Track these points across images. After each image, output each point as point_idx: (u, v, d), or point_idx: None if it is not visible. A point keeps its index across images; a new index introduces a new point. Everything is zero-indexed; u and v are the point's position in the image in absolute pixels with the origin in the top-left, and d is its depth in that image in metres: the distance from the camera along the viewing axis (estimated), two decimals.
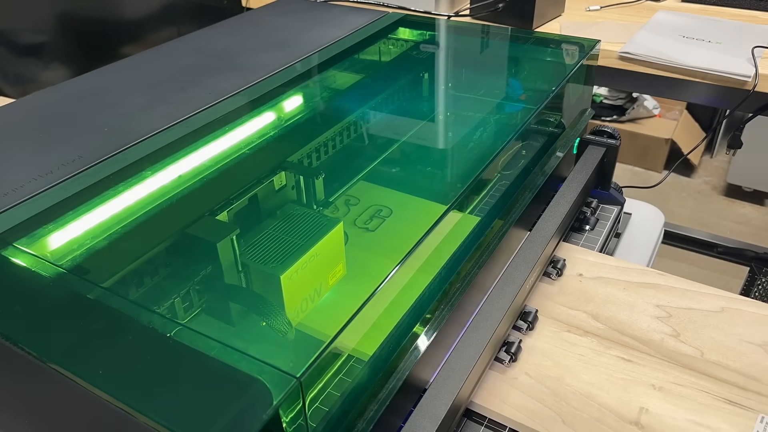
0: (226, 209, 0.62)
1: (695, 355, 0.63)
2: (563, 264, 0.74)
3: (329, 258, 0.58)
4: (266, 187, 0.66)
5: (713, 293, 0.71)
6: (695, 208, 2.44)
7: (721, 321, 0.67)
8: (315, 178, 0.68)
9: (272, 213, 0.64)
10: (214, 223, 0.60)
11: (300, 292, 0.55)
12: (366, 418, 0.47)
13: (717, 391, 0.59)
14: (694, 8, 1.37)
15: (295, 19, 1.00)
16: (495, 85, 0.89)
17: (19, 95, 1.17)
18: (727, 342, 0.65)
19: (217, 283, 0.54)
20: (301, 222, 0.62)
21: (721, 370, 0.62)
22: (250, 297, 0.57)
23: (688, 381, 0.60)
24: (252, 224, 0.62)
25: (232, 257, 0.56)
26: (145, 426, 0.36)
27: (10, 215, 0.54)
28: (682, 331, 0.66)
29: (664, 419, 0.57)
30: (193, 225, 0.60)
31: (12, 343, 0.42)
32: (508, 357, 0.62)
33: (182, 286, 0.53)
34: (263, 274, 0.55)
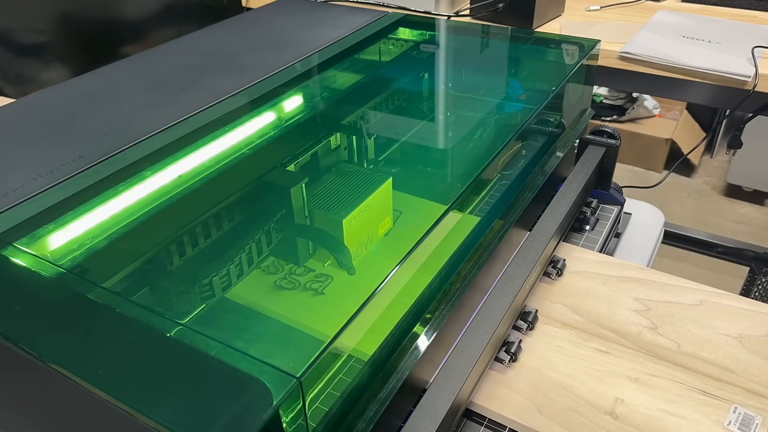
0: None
1: (672, 347, 0.64)
2: (563, 264, 0.74)
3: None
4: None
5: (692, 287, 0.72)
6: (695, 208, 2.44)
7: (699, 314, 0.68)
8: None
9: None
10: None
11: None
12: (366, 418, 0.47)
13: (691, 382, 0.60)
14: (694, 8, 1.37)
15: (295, 19, 1.00)
16: (495, 85, 0.89)
17: (19, 95, 1.17)
18: (703, 334, 0.66)
19: (215, 284, 0.54)
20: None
21: (697, 362, 0.62)
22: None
23: (663, 372, 0.61)
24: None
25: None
26: (146, 426, 0.36)
27: (10, 215, 0.54)
28: (660, 324, 0.67)
29: (638, 409, 0.58)
30: (192, 225, 0.59)
31: (12, 343, 0.42)
32: (508, 357, 0.62)
33: (182, 286, 0.53)
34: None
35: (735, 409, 0.57)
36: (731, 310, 0.68)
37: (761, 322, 0.67)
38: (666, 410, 0.57)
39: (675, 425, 0.56)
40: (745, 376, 0.61)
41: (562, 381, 0.60)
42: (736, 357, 0.63)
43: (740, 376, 0.61)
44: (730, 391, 0.59)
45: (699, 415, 0.57)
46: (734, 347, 0.64)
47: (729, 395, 0.59)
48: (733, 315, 0.68)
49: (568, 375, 0.61)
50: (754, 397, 0.59)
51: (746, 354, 0.63)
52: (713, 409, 0.58)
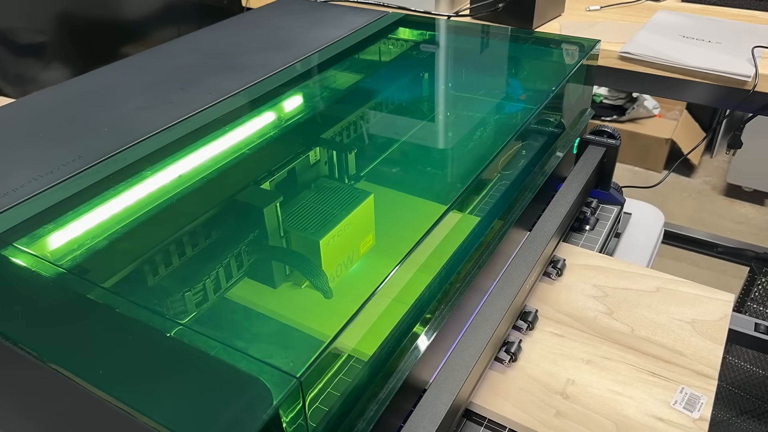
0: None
1: (626, 332, 0.66)
2: (563, 264, 0.74)
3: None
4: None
5: (651, 275, 0.74)
6: (695, 208, 2.44)
7: (655, 300, 0.70)
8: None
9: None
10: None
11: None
12: (366, 418, 0.47)
13: (642, 364, 0.62)
14: (694, 8, 1.37)
15: (295, 19, 1.00)
16: (495, 85, 0.89)
17: (19, 95, 1.17)
18: (657, 319, 0.67)
19: (215, 284, 0.54)
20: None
21: (649, 345, 0.64)
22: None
23: (616, 355, 0.63)
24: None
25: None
26: (146, 426, 0.36)
27: (10, 215, 0.54)
28: (616, 309, 0.69)
29: (588, 389, 0.60)
30: (192, 225, 0.59)
31: (12, 343, 0.42)
32: (508, 357, 0.62)
33: (182, 286, 0.53)
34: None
35: (682, 390, 0.59)
36: (687, 296, 0.70)
37: (715, 307, 0.69)
38: (615, 390, 0.59)
39: (622, 404, 0.58)
40: (695, 359, 0.63)
41: (517, 363, 0.62)
42: (687, 341, 0.65)
43: (690, 358, 0.63)
44: (678, 373, 0.61)
45: (646, 395, 0.59)
46: (686, 331, 0.66)
47: (677, 377, 0.61)
48: (688, 301, 0.70)
49: (523, 357, 0.63)
50: (701, 378, 0.61)
51: (698, 338, 0.65)
52: (661, 389, 0.60)
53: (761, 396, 1.38)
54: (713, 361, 0.62)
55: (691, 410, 0.57)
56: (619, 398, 0.59)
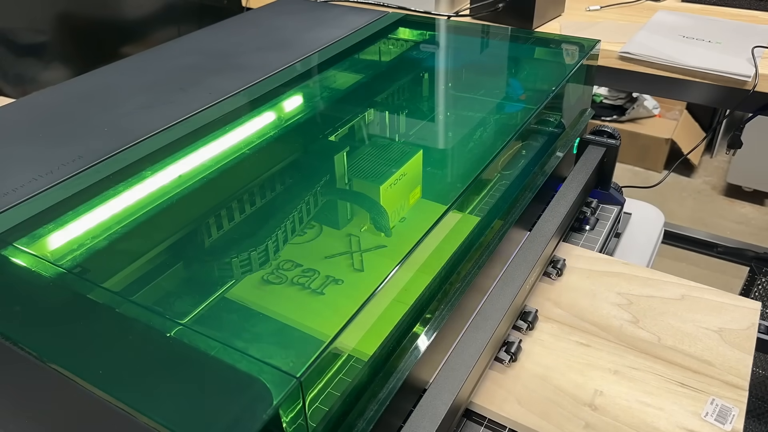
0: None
1: (652, 341, 0.65)
2: (563, 264, 0.74)
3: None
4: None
5: (674, 281, 0.73)
6: (695, 208, 2.44)
7: (680, 308, 0.69)
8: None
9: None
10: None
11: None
12: (366, 418, 0.47)
13: (670, 374, 0.61)
14: (694, 8, 1.37)
15: (295, 19, 1.00)
16: (495, 85, 0.89)
17: (19, 95, 1.17)
18: (684, 328, 0.66)
19: (215, 284, 0.54)
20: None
21: (676, 355, 0.63)
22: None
23: (643, 365, 0.62)
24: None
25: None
26: (146, 426, 0.36)
27: (10, 215, 0.54)
28: (641, 318, 0.68)
29: (616, 401, 0.58)
30: (192, 225, 0.60)
31: (12, 343, 0.42)
32: (508, 357, 0.62)
33: (182, 287, 0.53)
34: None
35: (712, 401, 0.58)
36: (712, 304, 0.69)
37: (741, 315, 0.68)
38: (644, 402, 0.58)
39: (652, 416, 0.57)
40: (724, 369, 0.62)
41: (542, 373, 0.61)
42: (715, 350, 0.64)
43: (719, 368, 0.62)
44: (708, 383, 0.60)
45: (676, 407, 0.58)
46: (714, 340, 0.65)
47: (707, 387, 0.60)
48: (714, 309, 0.69)
49: (549, 368, 0.62)
50: (731, 389, 0.59)
51: (726, 347, 0.64)
52: (691, 400, 0.58)
53: (761, 396, 1.38)
54: (743, 372, 0.61)
55: (723, 422, 0.56)
56: (648, 410, 0.57)
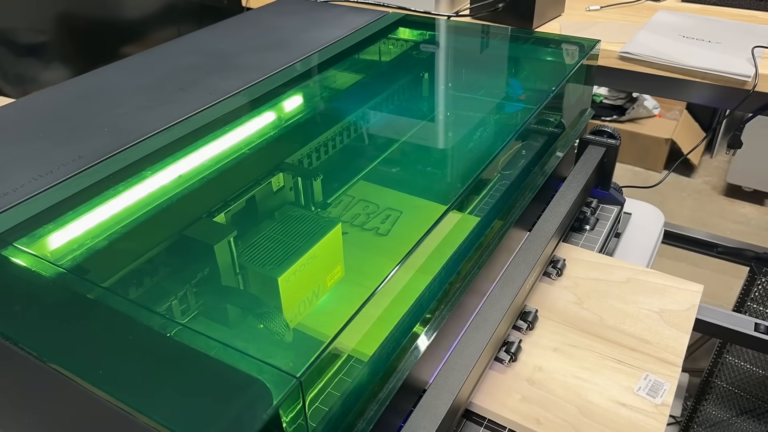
0: (225, 210, 0.62)
1: (594, 321, 0.67)
2: (563, 264, 0.74)
3: (327, 259, 0.58)
4: (265, 188, 0.66)
5: (623, 266, 0.75)
6: (695, 208, 2.44)
7: (625, 290, 0.72)
8: (314, 179, 0.68)
9: (271, 214, 0.64)
10: (212, 224, 0.60)
11: (298, 294, 0.55)
12: (366, 418, 0.47)
13: (608, 352, 0.64)
14: (694, 8, 1.37)
15: (295, 19, 1.00)
16: (495, 85, 0.89)
17: (19, 95, 1.17)
18: (626, 309, 0.69)
19: (215, 284, 0.54)
20: (299, 223, 0.62)
21: (617, 334, 0.66)
22: (248, 298, 0.57)
23: (583, 343, 0.65)
24: (250, 226, 0.62)
25: (229, 259, 0.56)
26: (146, 426, 0.36)
27: (10, 215, 0.54)
28: (586, 300, 0.70)
29: (554, 376, 0.61)
30: (192, 226, 0.60)
31: (12, 343, 0.42)
32: (508, 357, 0.62)
33: (182, 287, 0.53)
34: (261, 276, 0.55)
35: (646, 377, 0.61)
36: (656, 287, 0.72)
37: (683, 297, 0.70)
38: (581, 377, 0.61)
39: (587, 390, 0.60)
40: (661, 347, 0.64)
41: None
42: (654, 329, 0.66)
43: (656, 347, 0.64)
44: (644, 361, 0.63)
45: (611, 382, 0.60)
46: (654, 320, 0.67)
47: (643, 364, 0.62)
48: (657, 291, 0.71)
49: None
50: (666, 366, 0.62)
51: (665, 327, 0.66)
52: (626, 376, 0.61)
53: (761, 396, 1.38)
54: (678, 349, 0.64)
55: (654, 396, 0.59)
56: (584, 384, 0.60)
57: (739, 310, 1.41)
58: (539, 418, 0.57)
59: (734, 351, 1.38)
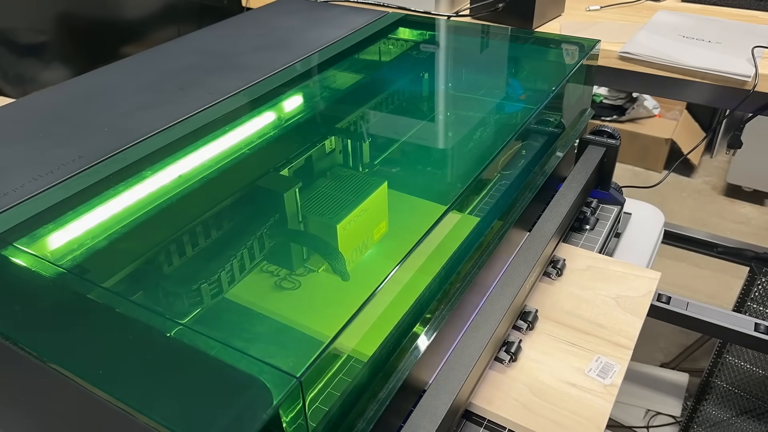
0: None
1: (554, 307, 0.69)
2: (563, 264, 0.74)
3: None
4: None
5: (584, 254, 0.77)
6: (695, 208, 2.44)
7: (584, 277, 0.73)
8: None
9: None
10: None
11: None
12: (366, 418, 0.47)
13: (563, 335, 0.66)
14: (694, 8, 1.37)
15: (295, 19, 1.00)
16: (495, 85, 0.89)
17: (19, 95, 1.17)
18: (583, 295, 0.71)
19: (216, 284, 0.54)
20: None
21: (572, 319, 0.68)
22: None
23: (540, 328, 0.67)
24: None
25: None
26: (146, 426, 0.36)
27: (10, 215, 0.54)
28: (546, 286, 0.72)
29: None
30: (192, 225, 0.59)
31: (12, 343, 0.42)
32: (508, 357, 0.62)
33: (182, 286, 0.53)
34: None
35: (597, 359, 0.63)
36: (615, 274, 0.74)
37: (640, 284, 0.72)
38: (534, 359, 0.63)
39: (539, 371, 0.62)
40: (614, 331, 0.66)
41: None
42: (609, 314, 0.68)
43: (610, 330, 0.66)
44: (597, 344, 0.65)
45: (563, 364, 0.63)
46: (610, 306, 0.69)
47: (595, 347, 0.64)
48: (615, 278, 0.73)
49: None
50: (618, 349, 0.64)
51: (619, 312, 0.68)
52: (578, 358, 0.63)
53: (761, 396, 1.38)
54: (631, 333, 0.66)
55: (604, 377, 0.61)
56: (537, 365, 0.62)
57: (739, 310, 1.40)
58: (491, 397, 0.59)
59: (734, 351, 1.38)
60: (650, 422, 1.54)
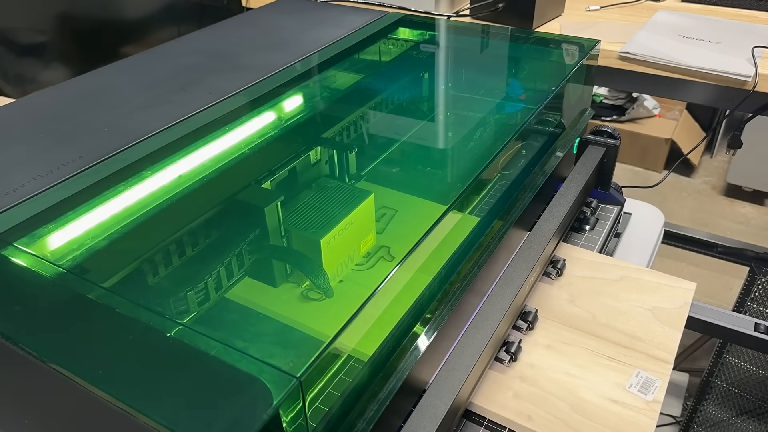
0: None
1: (587, 318, 0.68)
2: (563, 264, 0.74)
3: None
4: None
5: (616, 264, 0.76)
6: (695, 208, 2.44)
7: (617, 288, 0.72)
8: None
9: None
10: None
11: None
12: (366, 418, 0.47)
13: (601, 349, 0.64)
14: (694, 8, 1.37)
15: (295, 19, 1.00)
16: (495, 85, 0.89)
17: (19, 95, 1.17)
18: (619, 306, 0.69)
19: (216, 285, 0.54)
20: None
21: (609, 331, 0.66)
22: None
23: (576, 341, 0.65)
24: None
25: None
26: (146, 426, 0.36)
27: (10, 215, 0.54)
28: (578, 297, 0.71)
29: (545, 373, 0.62)
30: (192, 225, 0.59)
31: (12, 343, 0.42)
32: (508, 357, 0.62)
33: (182, 286, 0.53)
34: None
35: (638, 374, 0.61)
36: (649, 284, 0.72)
37: (676, 295, 0.71)
38: (573, 374, 0.61)
39: (579, 387, 0.60)
40: (653, 344, 0.65)
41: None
42: (647, 327, 0.66)
43: (648, 344, 0.65)
44: (636, 357, 0.63)
45: (602, 378, 0.61)
46: (646, 318, 0.68)
47: (634, 361, 0.63)
48: (650, 289, 0.71)
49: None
50: (658, 363, 0.63)
51: (657, 324, 0.67)
52: (617, 373, 0.61)
53: (761, 396, 1.38)
54: (670, 346, 0.64)
55: (645, 393, 0.59)
56: (576, 381, 0.60)
57: (739, 310, 1.40)
58: (531, 414, 0.57)
59: (734, 351, 1.38)
60: None
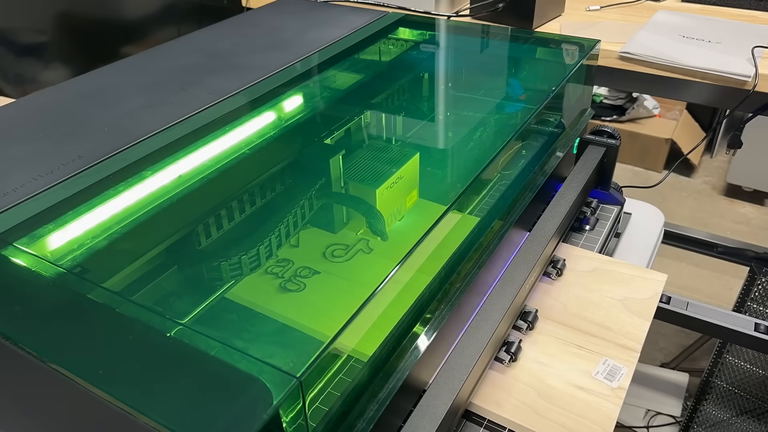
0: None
1: (558, 308, 0.69)
2: (563, 264, 0.74)
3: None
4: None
5: (590, 256, 0.77)
6: (695, 208, 2.44)
7: (590, 279, 0.73)
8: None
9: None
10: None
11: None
12: (366, 418, 0.47)
13: (570, 338, 0.66)
14: (694, 8, 1.37)
15: (295, 19, 1.00)
16: (495, 85, 0.89)
17: (19, 95, 1.17)
18: (590, 297, 0.71)
19: (216, 284, 0.54)
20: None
21: (579, 321, 0.68)
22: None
23: (546, 330, 0.67)
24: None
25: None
26: (146, 426, 0.36)
27: (10, 215, 0.54)
28: (551, 288, 0.72)
29: (518, 362, 0.63)
30: (192, 225, 0.60)
31: (12, 343, 0.42)
32: (508, 357, 0.62)
33: (182, 286, 0.53)
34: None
35: (605, 362, 0.63)
36: (621, 276, 0.74)
37: (647, 286, 0.72)
38: (542, 362, 0.63)
39: (547, 375, 0.61)
40: (621, 334, 0.66)
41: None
42: (617, 317, 0.68)
43: (617, 333, 0.66)
44: (604, 346, 0.65)
45: (570, 366, 0.62)
46: (617, 308, 0.69)
47: (602, 350, 0.64)
48: (622, 280, 0.73)
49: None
50: (625, 351, 0.64)
51: (626, 314, 0.68)
52: (585, 361, 0.63)
53: (761, 396, 1.38)
54: (638, 336, 0.65)
55: (611, 380, 0.60)
56: (544, 369, 0.62)
57: (739, 310, 1.40)
58: (499, 400, 0.59)
59: (734, 351, 1.38)
60: (650, 422, 1.54)
